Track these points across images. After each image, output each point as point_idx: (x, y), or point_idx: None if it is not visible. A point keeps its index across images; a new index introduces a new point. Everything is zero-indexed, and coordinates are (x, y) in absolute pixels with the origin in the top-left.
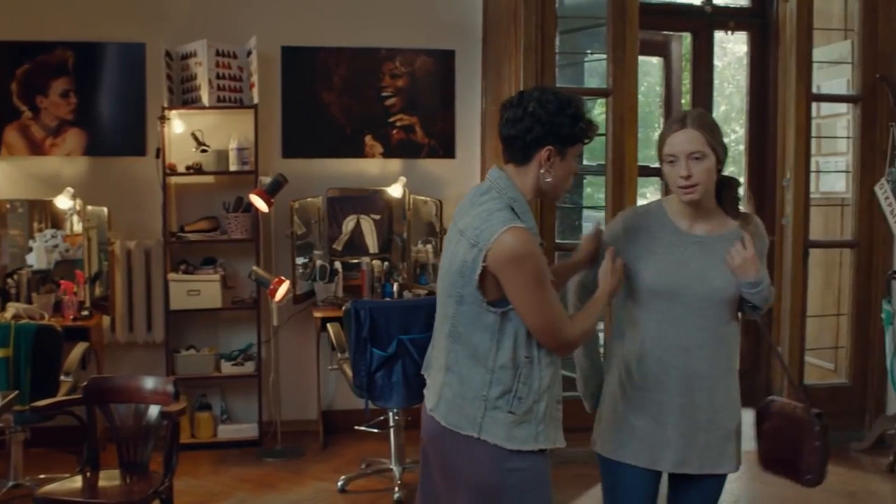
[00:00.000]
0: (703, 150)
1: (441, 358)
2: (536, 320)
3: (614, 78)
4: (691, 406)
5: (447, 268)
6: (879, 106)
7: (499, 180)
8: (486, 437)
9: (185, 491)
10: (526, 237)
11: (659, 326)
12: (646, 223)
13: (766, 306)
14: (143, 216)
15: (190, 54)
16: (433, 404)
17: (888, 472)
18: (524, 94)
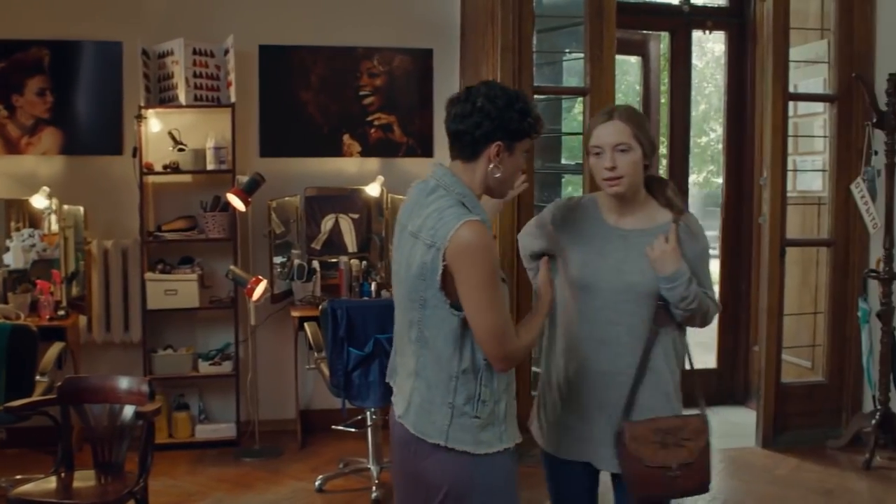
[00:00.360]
0: (628, 142)
1: (410, 364)
2: (485, 322)
3: (592, 77)
4: (611, 402)
5: (404, 273)
6: (855, 105)
7: (445, 177)
8: (454, 444)
9: (161, 491)
10: (482, 231)
11: (580, 319)
12: (575, 215)
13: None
14: (120, 215)
15: (167, 53)
16: (402, 410)
17: (864, 470)
18: (471, 89)
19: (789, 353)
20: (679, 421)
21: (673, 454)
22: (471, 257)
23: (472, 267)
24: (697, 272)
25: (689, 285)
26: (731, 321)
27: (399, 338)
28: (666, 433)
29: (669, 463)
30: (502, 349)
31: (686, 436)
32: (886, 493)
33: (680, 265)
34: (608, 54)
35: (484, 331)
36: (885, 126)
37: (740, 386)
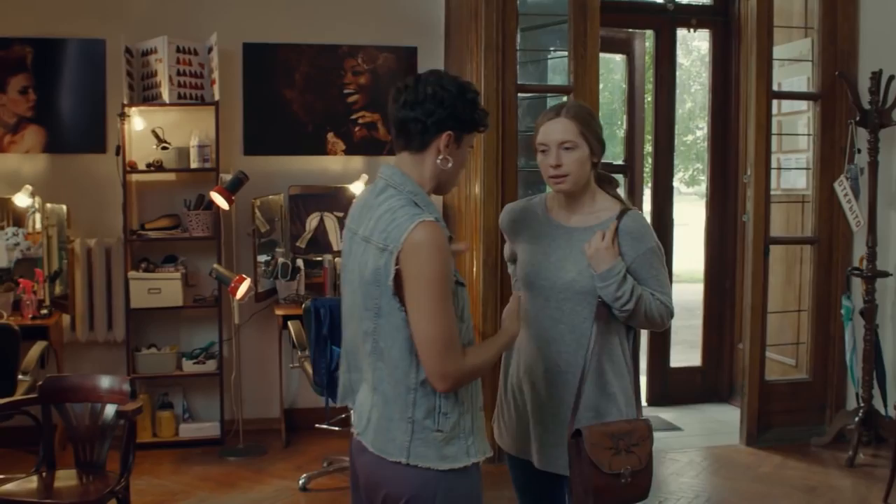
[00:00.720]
0: (574, 139)
1: (369, 377)
2: (428, 330)
3: (576, 75)
4: (556, 402)
5: (357, 281)
6: (839, 103)
7: (394, 176)
8: (417, 461)
9: (145, 490)
10: (437, 232)
11: (529, 318)
12: (525, 214)
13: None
14: (104, 214)
15: (150, 51)
16: (362, 428)
17: (848, 467)
18: (420, 77)
19: (773, 351)
20: (627, 425)
21: (625, 461)
22: (421, 258)
23: (420, 268)
24: (642, 272)
25: (621, 284)
26: (715, 319)
27: (352, 353)
28: (619, 438)
29: (622, 469)
30: (442, 365)
31: (634, 441)
32: (869, 490)
33: (613, 263)
34: (592, 52)
35: (425, 340)
36: (868, 124)
37: (725, 383)
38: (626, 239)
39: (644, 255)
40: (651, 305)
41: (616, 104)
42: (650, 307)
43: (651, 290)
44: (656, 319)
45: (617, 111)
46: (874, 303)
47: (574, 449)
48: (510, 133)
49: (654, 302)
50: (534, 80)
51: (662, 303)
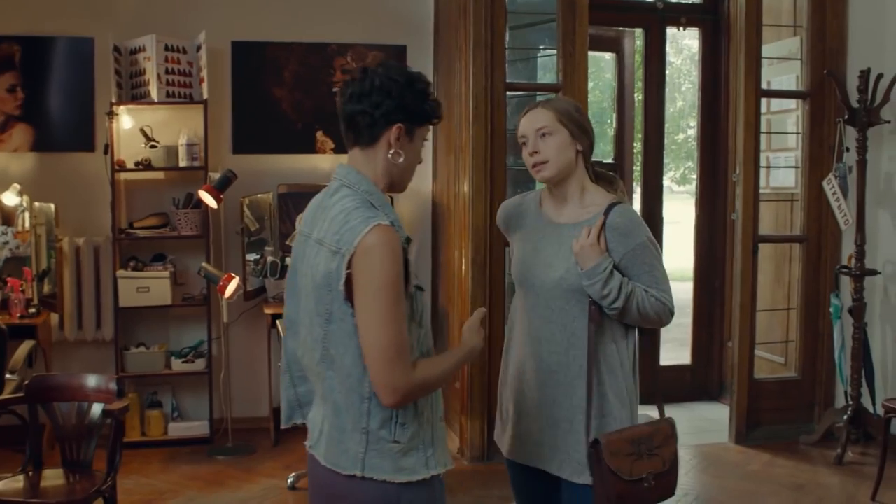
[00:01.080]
0: (550, 125)
1: (319, 388)
2: (376, 337)
3: (564, 73)
4: (549, 402)
5: (309, 285)
6: (827, 102)
7: (348, 175)
8: (372, 474)
9: (133, 490)
10: (391, 236)
11: (521, 316)
12: (519, 211)
13: (608, 305)
14: (92, 213)
15: (138, 49)
16: (314, 441)
17: (836, 465)
18: (368, 69)
19: (763, 349)
20: (648, 428)
21: (647, 465)
22: (372, 262)
23: (371, 273)
24: (633, 269)
25: (607, 282)
26: (704, 317)
27: (296, 364)
28: (640, 443)
29: (644, 474)
30: (390, 376)
31: (657, 443)
32: (858, 488)
33: (599, 260)
34: (580, 51)
35: (372, 348)
36: (857, 122)
37: (714, 382)
38: (613, 235)
39: (634, 251)
40: (645, 303)
41: (606, 103)
42: (644, 305)
43: (645, 286)
44: (652, 317)
45: (607, 109)
46: (863, 301)
47: (594, 457)
48: (499, 131)
49: (648, 299)
50: (523, 78)
51: (658, 300)
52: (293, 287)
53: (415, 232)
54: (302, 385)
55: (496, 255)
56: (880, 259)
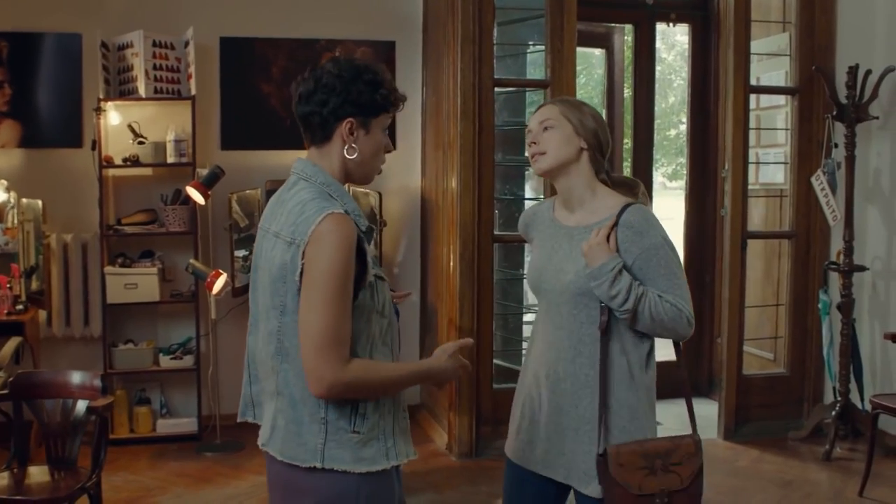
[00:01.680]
0: (553, 118)
1: (271, 384)
2: (313, 323)
3: (552, 69)
4: (557, 409)
5: (265, 278)
6: (816, 98)
7: (305, 169)
8: (332, 464)
9: (121, 486)
10: (344, 224)
11: (537, 322)
12: (536, 218)
13: (617, 307)
14: (80, 209)
15: (126, 45)
16: (266, 438)
17: (825, 461)
18: (315, 67)
19: (752, 345)
20: (668, 443)
21: (662, 481)
22: (321, 249)
23: (318, 259)
24: (648, 271)
25: (615, 282)
26: (694, 313)
27: (254, 361)
28: (654, 457)
29: (656, 490)
30: (319, 364)
31: (676, 459)
32: (845, 483)
33: (607, 259)
34: (569, 46)
35: (306, 334)
36: (845, 118)
37: (704, 378)
38: (626, 233)
39: (648, 251)
40: (658, 308)
41: (597, 98)
42: (657, 310)
43: (660, 291)
44: (667, 324)
45: (597, 106)
46: (851, 297)
47: (601, 466)
48: (487, 127)
49: (662, 304)
50: (513, 74)
51: (674, 305)
52: (254, 283)
53: (403, 228)
54: (256, 384)
55: (484, 252)
56: (869, 255)
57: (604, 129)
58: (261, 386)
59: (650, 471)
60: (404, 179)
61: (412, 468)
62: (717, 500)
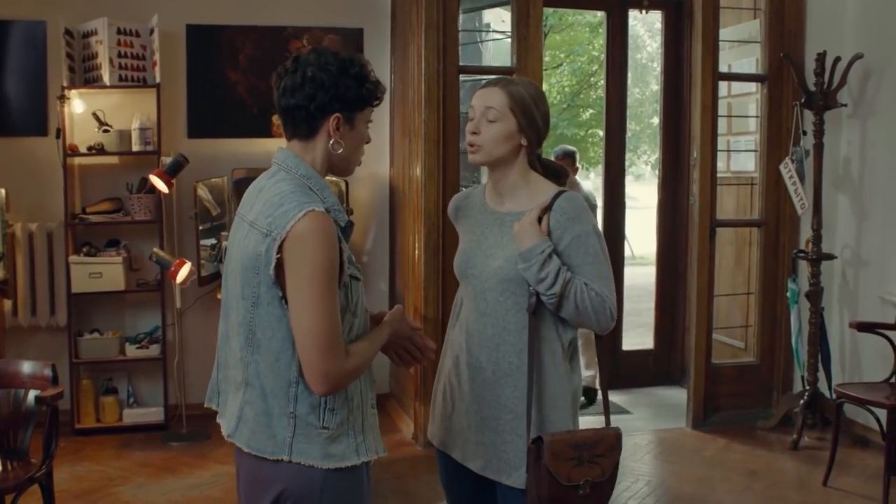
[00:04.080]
0: (499, 111)
1: (237, 375)
2: (309, 326)
3: (518, 56)
4: (477, 399)
5: (237, 267)
6: (785, 85)
7: (287, 160)
8: (300, 458)
9: (83, 477)
10: (326, 223)
11: (461, 309)
12: (466, 203)
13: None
14: (45, 198)
15: (91, 32)
16: (231, 429)
17: (792, 450)
18: (299, 58)
19: (723, 334)
20: (594, 434)
21: (586, 472)
22: (305, 250)
23: (304, 260)
24: (576, 259)
25: (545, 265)
26: (667, 302)
27: (224, 347)
28: (583, 448)
29: (581, 481)
30: (323, 364)
31: (600, 451)
32: (811, 473)
33: (538, 241)
34: (535, 33)
35: (305, 337)
36: (813, 106)
37: (677, 366)
38: (559, 219)
39: (579, 238)
40: (584, 296)
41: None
42: (582, 297)
43: (586, 279)
44: (590, 313)
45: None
46: (819, 285)
47: (533, 455)
48: (451, 115)
49: (587, 292)
50: (488, 61)
51: (599, 295)
52: (226, 270)
53: (372, 217)
54: (222, 371)
55: (449, 240)
56: (838, 244)
57: (546, 119)
58: (226, 374)
59: (578, 461)
60: (373, 168)
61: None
62: (680, 489)
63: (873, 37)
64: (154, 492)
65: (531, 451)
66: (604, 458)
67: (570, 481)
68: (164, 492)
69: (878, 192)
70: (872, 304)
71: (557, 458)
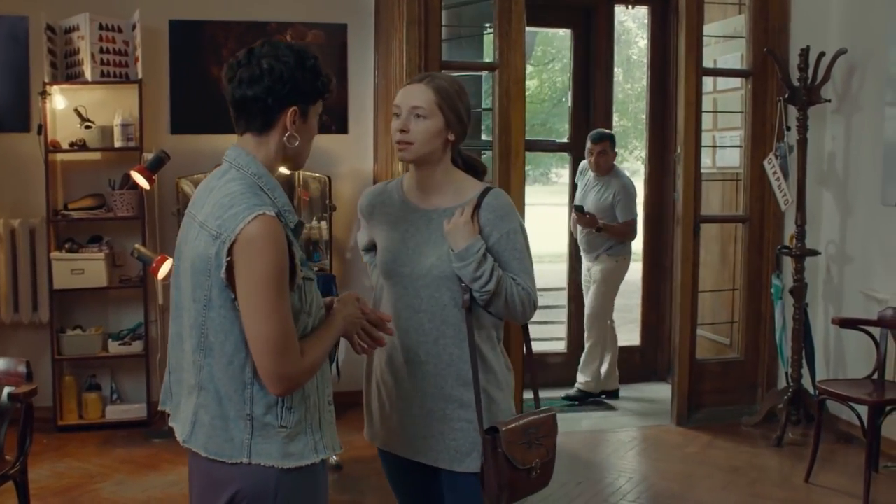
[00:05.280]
0: (427, 108)
1: (189, 379)
2: (262, 330)
3: (501, 51)
4: (421, 393)
5: (189, 269)
6: (770, 80)
7: (239, 157)
8: (259, 459)
9: (64, 473)
10: (275, 227)
11: (386, 308)
12: (382, 199)
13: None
14: (28, 194)
15: (72, 28)
16: (186, 434)
17: (776, 447)
18: (254, 50)
19: (709, 330)
20: (537, 418)
21: (536, 453)
22: (254, 254)
23: (254, 265)
24: (504, 255)
25: (481, 263)
26: (654, 297)
27: (176, 350)
28: (531, 432)
29: (533, 463)
30: (279, 366)
31: (543, 433)
32: (793, 469)
33: (473, 240)
34: (517, 28)
35: (258, 341)
36: (797, 101)
37: (664, 362)
38: (489, 216)
39: (509, 234)
40: (512, 290)
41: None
42: (512, 292)
43: (513, 274)
44: (517, 308)
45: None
46: (803, 281)
47: (489, 445)
48: None
49: (515, 287)
50: (470, 57)
51: (525, 289)
52: (177, 269)
53: (356, 212)
54: (174, 374)
55: None
56: (823, 239)
57: (469, 114)
58: (179, 376)
59: (528, 445)
60: (356, 163)
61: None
62: (662, 486)
63: (858, 32)
64: (134, 488)
65: (487, 441)
66: (546, 438)
67: (524, 465)
68: (144, 489)
69: (862, 188)
70: (857, 300)
71: (512, 444)
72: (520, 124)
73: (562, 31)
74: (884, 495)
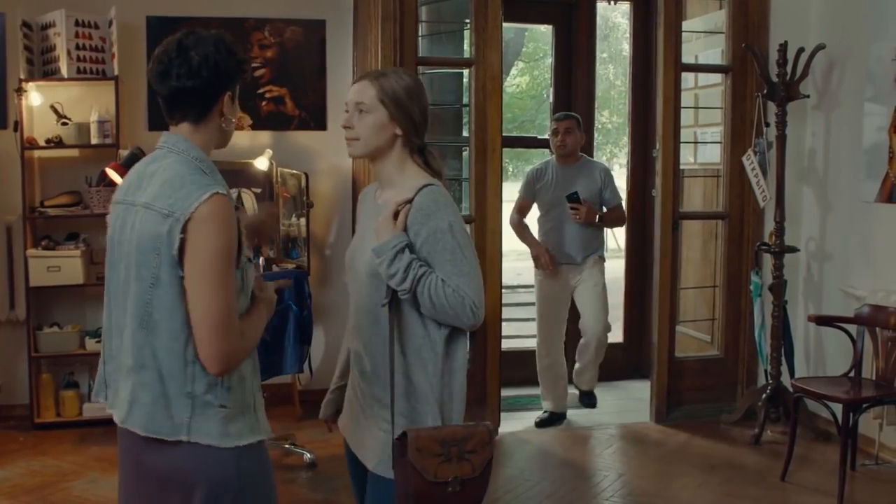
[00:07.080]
0: (369, 103)
1: (128, 360)
2: (210, 306)
3: (477, 47)
4: (360, 388)
5: (132, 252)
6: (749, 76)
7: (178, 144)
8: (198, 438)
9: (37, 472)
10: (228, 207)
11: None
12: (364, 198)
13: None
14: (3, 191)
15: (49, 24)
16: (124, 415)
17: (753, 445)
18: (182, 42)
19: (690, 328)
20: (464, 430)
21: (455, 468)
22: (208, 230)
23: (207, 242)
24: (432, 256)
25: (394, 261)
26: (636, 295)
27: (113, 335)
28: (451, 444)
29: (449, 478)
30: (222, 344)
31: (471, 447)
32: (770, 467)
33: (390, 237)
34: (493, 24)
35: (203, 317)
36: (776, 97)
37: (646, 360)
38: (416, 215)
39: (435, 235)
40: (440, 292)
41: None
42: (437, 294)
43: (444, 276)
44: (448, 311)
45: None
46: (782, 279)
47: (398, 450)
48: None
49: (443, 289)
50: (451, 53)
51: (457, 292)
52: (112, 258)
53: (335, 210)
54: (109, 363)
55: None
56: (803, 236)
57: (424, 110)
58: (116, 363)
59: (446, 458)
60: (335, 160)
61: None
62: (637, 484)
63: (837, 27)
64: (106, 486)
65: (396, 446)
66: (475, 454)
67: (437, 478)
68: (115, 487)
69: (842, 185)
70: (836, 297)
71: (423, 453)
72: (496, 120)
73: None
74: (860, 494)
